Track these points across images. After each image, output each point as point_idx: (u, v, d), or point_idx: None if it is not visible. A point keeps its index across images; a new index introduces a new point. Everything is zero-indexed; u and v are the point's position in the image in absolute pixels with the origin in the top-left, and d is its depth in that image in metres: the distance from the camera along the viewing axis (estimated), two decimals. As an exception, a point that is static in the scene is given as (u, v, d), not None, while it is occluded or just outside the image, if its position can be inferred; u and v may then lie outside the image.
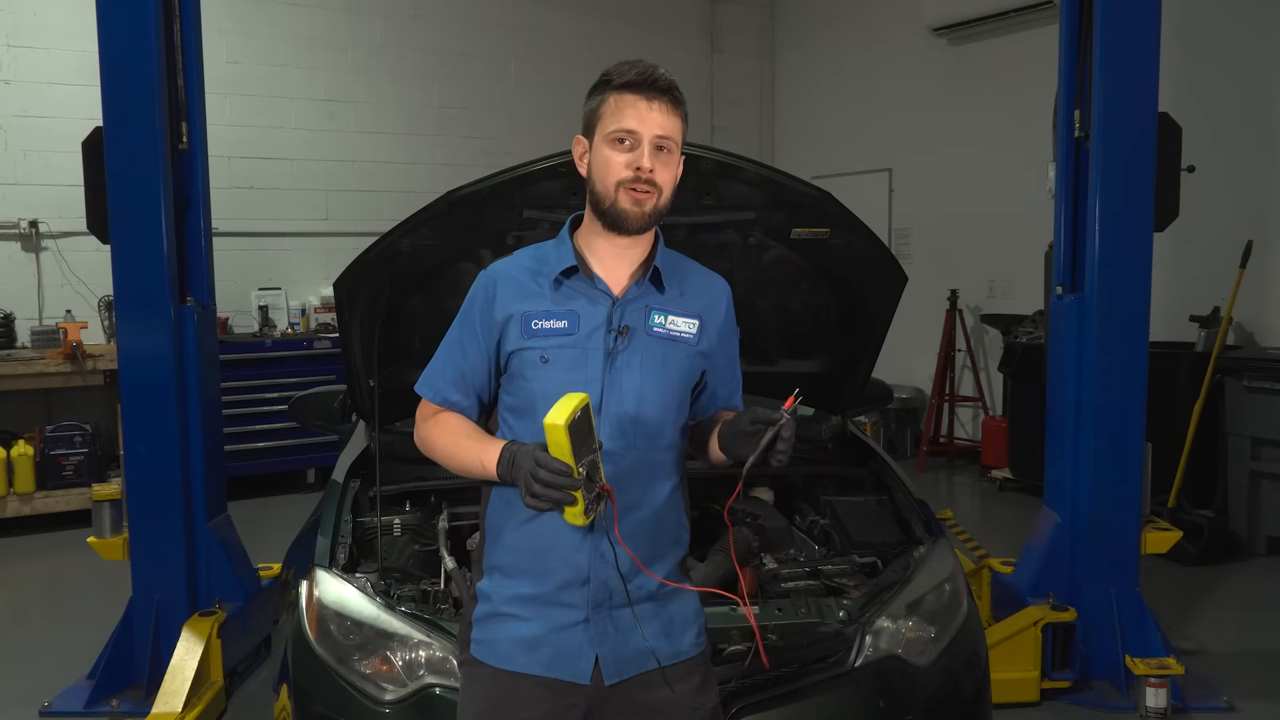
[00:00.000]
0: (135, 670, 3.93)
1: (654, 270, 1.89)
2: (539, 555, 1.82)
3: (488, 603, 1.88)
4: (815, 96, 9.67)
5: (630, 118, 1.78)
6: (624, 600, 1.82)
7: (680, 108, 1.83)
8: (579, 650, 1.82)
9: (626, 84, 1.79)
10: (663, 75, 1.81)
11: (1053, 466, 4.20)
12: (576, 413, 1.58)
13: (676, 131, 1.82)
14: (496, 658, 1.85)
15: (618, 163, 1.79)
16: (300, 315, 7.70)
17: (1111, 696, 3.89)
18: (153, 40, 3.74)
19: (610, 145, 1.80)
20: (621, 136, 1.79)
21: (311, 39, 7.91)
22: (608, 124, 1.80)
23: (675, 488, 1.92)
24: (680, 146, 1.85)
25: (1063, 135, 4.11)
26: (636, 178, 1.79)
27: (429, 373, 1.94)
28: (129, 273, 3.81)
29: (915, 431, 8.46)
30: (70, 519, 6.27)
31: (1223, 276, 5.93)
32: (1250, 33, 6.33)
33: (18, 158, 6.93)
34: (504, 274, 1.91)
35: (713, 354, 1.94)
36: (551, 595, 1.82)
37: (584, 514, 1.63)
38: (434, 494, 3.32)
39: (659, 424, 1.85)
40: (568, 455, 1.58)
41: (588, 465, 1.60)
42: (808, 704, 2.36)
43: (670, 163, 1.83)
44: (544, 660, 1.82)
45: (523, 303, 1.85)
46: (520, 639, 1.83)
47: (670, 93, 1.81)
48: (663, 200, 1.83)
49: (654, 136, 1.79)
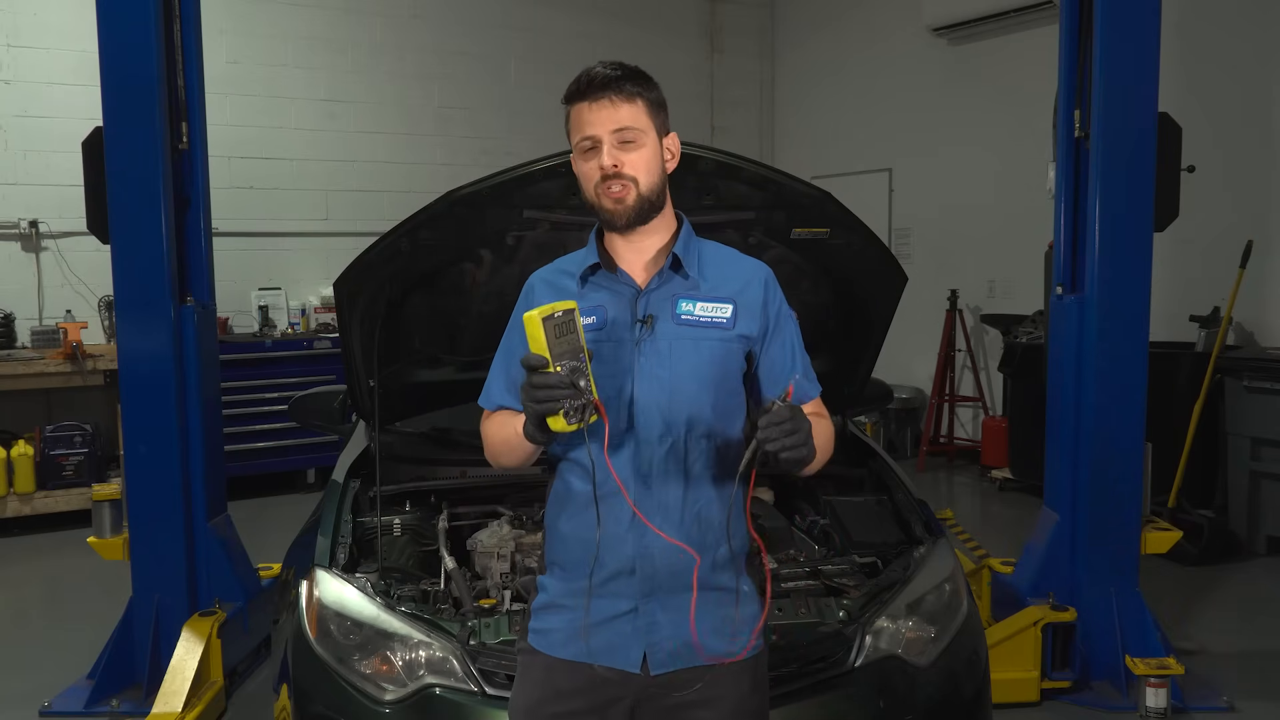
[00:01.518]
0: (135, 670, 3.93)
1: (674, 258, 1.90)
2: (587, 547, 1.84)
3: (545, 593, 1.93)
4: (815, 96, 9.67)
5: (584, 125, 1.84)
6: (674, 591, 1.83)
7: (633, 97, 1.83)
8: (627, 640, 1.85)
9: (570, 97, 1.86)
10: (601, 73, 1.83)
11: (1053, 466, 4.20)
12: (557, 312, 1.66)
13: (634, 118, 1.83)
14: (549, 646, 1.89)
15: (588, 170, 1.86)
16: (300, 315, 7.70)
17: (1111, 696, 3.88)
18: (153, 40, 3.74)
19: (581, 157, 1.87)
20: (585, 145, 1.85)
21: (311, 39, 7.91)
22: (574, 138, 1.88)
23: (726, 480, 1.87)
24: (654, 128, 1.86)
25: (1063, 135, 4.11)
26: (604, 176, 1.83)
27: (486, 384, 2.00)
28: (129, 273, 3.81)
29: (915, 431, 8.46)
30: (70, 519, 6.27)
31: (1223, 276, 5.93)
32: (1250, 32, 6.33)
33: (18, 158, 6.93)
34: (540, 279, 1.98)
35: (757, 338, 1.92)
36: (601, 586, 1.85)
37: (565, 419, 1.66)
38: (434, 494, 3.32)
39: (695, 411, 1.85)
40: (543, 349, 1.64)
41: (569, 369, 1.65)
42: (808, 704, 2.36)
43: (641, 150, 1.84)
44: (594, 649, 1.85)
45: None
46: (572, 628, 1.87)
47: (612, 86, 1.82)
48: (645, 188, 1.85)
49: (610, 133, 1.82)
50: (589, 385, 1.68)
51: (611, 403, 1.83)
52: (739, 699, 1.89)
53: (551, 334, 1.65)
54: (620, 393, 1.84)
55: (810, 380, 1.98)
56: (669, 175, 1.92)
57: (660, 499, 1.83)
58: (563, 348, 1.66)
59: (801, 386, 1.89)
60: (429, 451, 3.48)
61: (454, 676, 2.36)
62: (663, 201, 1.91)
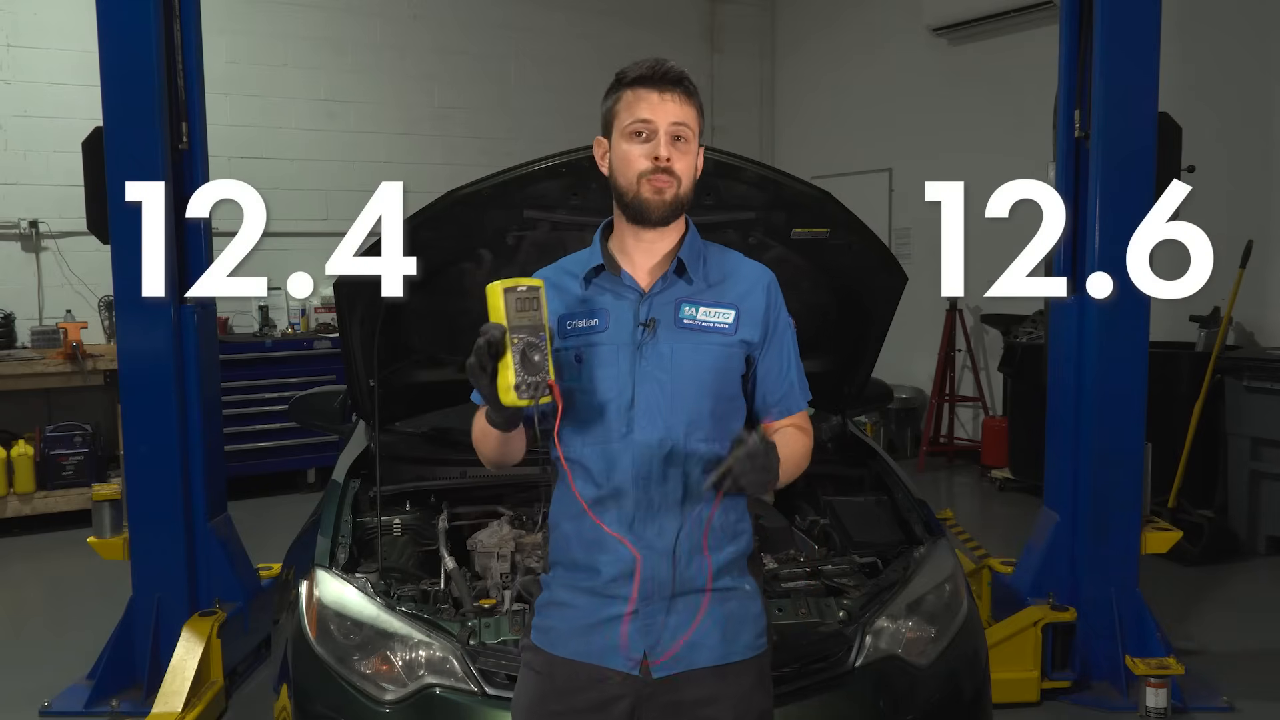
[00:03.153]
0: (135, 670, 3.93)
1: (678, 262, 1.90)
2: (589, 549, 1.86)
3: (548, 591, 1.94)
4: (815, 96, 9.67)
5: (644, 109, 1.82)
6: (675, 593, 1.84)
7: (693, 99, 1.87)
8: (628, 641, 1.85)
9: (638, 79, 1.84)
10: (673, 67, 1.85)
11: (1053, 466, 4.20)
12: (520, 286, 1.67)
13: (692, 120, 1.86)
14: (552, 644, 1.90)
15: (636, 154, 1.83)
16: (300, 315, 7.70)
17: (1111, 696, 3.88)
18: (153, 40, 3.74)
19: (628, 139, 1.84)
20: (638, 129, 1.83)
21: (311, 39, 7.91)
22: (624, 119, 1.84)
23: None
24: (697, 137, 1.88)
25: (1063, 135, 4.11)
26: (655, 167, 1.82)
27: None
28: (129, 273, 3.81)
29: (915, 431, 8.46)
30: (70, 519, 6.26)
31: (1223, 276, 5.93)
32: (1250, 32, 6.33)
33: (18, 158, 6.93)
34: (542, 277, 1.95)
35: (758, 344, 1.92)
36: (604, 587, 1.85)
37: (514, 390, 1.65)
38: (434, 494, 3.32)
39: (694, 415, 1.86)
40: (501, 319, 1.65)
41: (525, 344, 1.65)
42: (808, 704, 2.36)
43: (688, 152, 1.86)
44: (595, 649, 1.86)
45: (558, 304, 1.90)
46: (574, 627, 1.88)
47: (682, 84, 1.85)
48: (683, 189, 1.86)
49: (670, 125, 1.83)
50: (545, 362, 1.67)
51: (611, 406, 1.84)
52: (741, 698, 1.89)
53: (512, 306, 1.65)
54: (620, 396, 1.84)
55: (801, 391, 1.97)
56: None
57: (660, 501, 1.83)
58: (521, 321, 1.66)
59: (790, 398, 1.92)
60: (429, 451, 3.48)
61: (454, 676, 2.36)
62: (688, 207, 1.92)
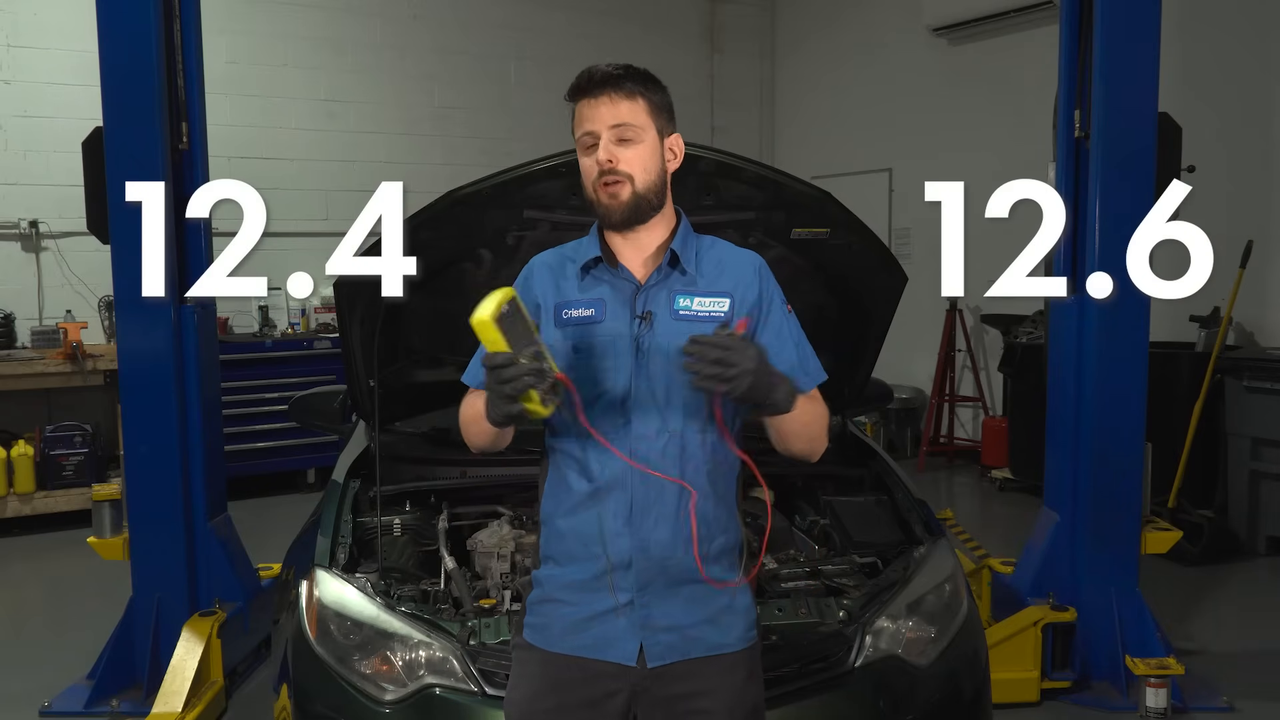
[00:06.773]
0: (135, 670, 3.93)
1: (671, 254, 1.91)
2: (585, 542, 1.87)
3: (540, 588, 1.94)
4: (815, 96, 9.67)
5: (585, 121, 1.86)
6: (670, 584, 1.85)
7: (637, 92, 1.85)
8: (623, 633, 1.86)
9: (574, 92, 1.88)
10: (604, 70, 1.85)
11: (1053, 466, 4.20)
12: (503, 306, 1.64)
13: (634, 115, 1.85)
14: (546, 641, 1.90)
15: (588, 165, 1.88)
16: (300, 315, 7.69)
17: (1111, 696, 3.88)
18: (153, 40, 3.74)
19: (583, 153, 1.89)
20: (585, 141, 1.87)
21: (311, 39, 7.91)
22: (576, 135, 1.90)
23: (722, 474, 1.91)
24: (654, 127, 1.88)
25: (1063, 135, 4.11)
26: (601, 172, 1.85)
27: (471, 363, 2.00)
28: (129, 273, 3.81)
29: (915, 431, 8.46)
30: (70, 519, 6.25)
31: (1223, 276, 5.93)
32: (1251, 32, 6.33)
33: (18, 158, 6.92)
34: (540, 262, 2.00)
35: (754, 329, 1.92)
36: (597, 580, 1.86)
37: (542, 404, 1.66)
38: (434, 494, 3.32)
39: (693, 407, 1.86)
40: (504, 347, 1.64)
41: (530, 355, 1.64)
42: (808, 704, 2.36)
43: (638, 147, 1.86)
44: (590, 643, 1.87)
45: (555, 292, 1.92)
46: (568, 622, 1.88)
47: (611, 83, 1.85)
48: (640, 184, 1.86)
49: (609, 129, 1.84)
50: (549, 364, 1.68)
51: (609, 397, 1.85)
52: (734, 690, 1.90)
53: (507, 330, 1.64)
54: (617, 387, 1.86)
55: (804, 370, 1.93)
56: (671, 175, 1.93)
57: (656, 492, 1.84)
58: (518, 337, 1.66)
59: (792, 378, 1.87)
60: (429, 451, 3.48)
61: (454, 676, 2.36)
62: (661, 201, 1.92)
